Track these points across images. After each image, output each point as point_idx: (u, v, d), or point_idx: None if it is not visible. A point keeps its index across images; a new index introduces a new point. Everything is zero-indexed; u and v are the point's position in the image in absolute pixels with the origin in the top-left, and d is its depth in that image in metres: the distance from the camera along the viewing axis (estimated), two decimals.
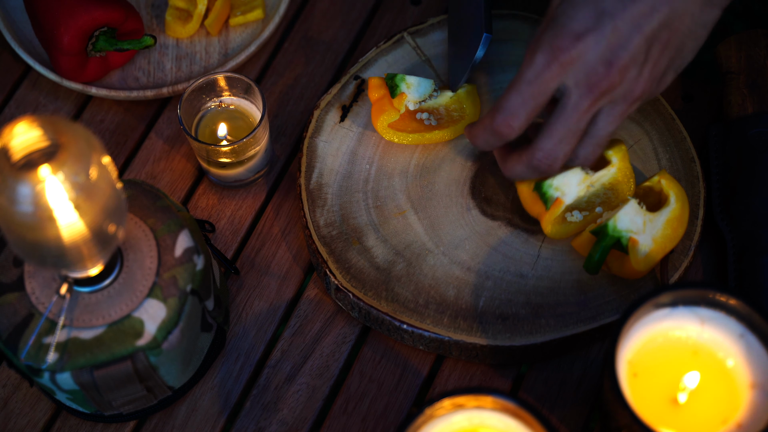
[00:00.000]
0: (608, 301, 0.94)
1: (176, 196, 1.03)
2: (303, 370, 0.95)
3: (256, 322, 0.98)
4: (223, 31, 1.10)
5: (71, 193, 0.72)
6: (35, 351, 0.83)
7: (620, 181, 0.95)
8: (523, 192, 0.95)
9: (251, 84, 0.98)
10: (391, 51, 1.04)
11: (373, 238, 0.97)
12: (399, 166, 1.00)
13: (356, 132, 1.01)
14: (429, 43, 1.05)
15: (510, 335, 0.92)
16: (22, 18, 1.09)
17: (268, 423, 0.94)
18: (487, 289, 0.95)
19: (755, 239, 0.94)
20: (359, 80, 1.03)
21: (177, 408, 0.94)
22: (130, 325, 0.84)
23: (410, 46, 1.05)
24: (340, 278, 0.95)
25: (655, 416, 0.82)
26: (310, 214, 0.98)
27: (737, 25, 1.41)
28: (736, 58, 1.00)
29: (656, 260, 0.92)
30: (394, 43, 1.05)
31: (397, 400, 0.94)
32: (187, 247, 0.87)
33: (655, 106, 1.01)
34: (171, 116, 1.07)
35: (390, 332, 0.94)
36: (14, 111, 1.08)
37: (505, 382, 0.95)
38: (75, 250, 0.76)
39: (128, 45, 1.03)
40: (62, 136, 0.72)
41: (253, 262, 1.00)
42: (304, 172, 0.99)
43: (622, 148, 0.95)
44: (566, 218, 0.94)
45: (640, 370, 0.84)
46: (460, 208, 0.98)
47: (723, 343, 0.84)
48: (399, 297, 0.94)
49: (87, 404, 0.89)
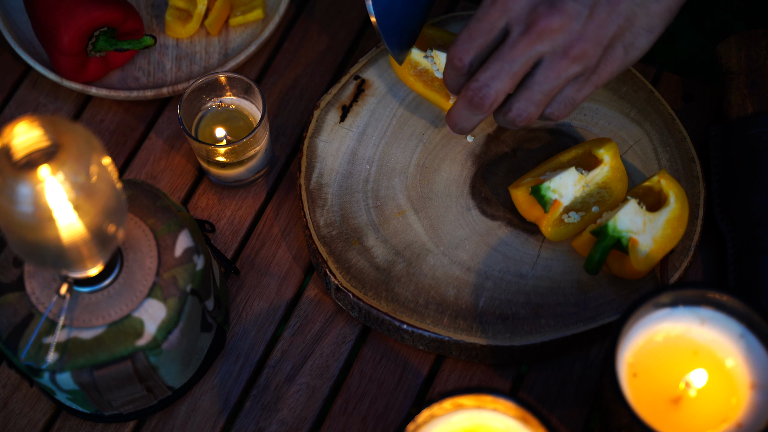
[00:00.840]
0: (608, 301, 0.94)
1: (176, 196, 1.03)
2: (303, 370, 0.95)
3: (256, 322, 0.98)
4: (223, 31, 1.10)
5: (71, 194, 0.72)
6: (35, 351, 0.83)
7: (614, 179, 0.95)
8: (518, 197, 0.95)
9: (251, 84, 0.98)
10: None
11: (373, 238, 0.97)
12: (399, 166, 1.00)
13: (356, 132, 1.01)
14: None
15: (510, 335, 0.92)
16: (22, 18, 1.09)
17: (268, 423, 0.94)
18: (487, 289, 0.95)
19: (755, 239, 0.94)
20: (359, 80, 1.03)
21: (177, 408, 0.94)
22: (130, 325, 0.84)
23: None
24: (340, 278, 0.95)
25: (655, 416, 0.82)
26: (310, 214, 0.98)
27: (737, 25, 1.41)
28: (736, 58, 1.00)
29: (656, 260, 0.92)
30: None
31: (397, 400, 0.94)
32: (187, 247, 0.87)
33: (655, 106, 1.01)
34: (171, 116, 1.07)
35: (390, 332, 0.94)
36: (14, 111, 1.08)
37: (505, 382, 0.95)
38: (75, 251, 0.76)
39: (128, 45, 1.03)
40: (62, 136, 0.72)
41: (253, 262, 1.00)
42: (304, 172, 0.99)
43: (613, 146, 0.95)
44: (564, 220, 0.94)
45: (640, 370, 0.84)
46: (460, 208, 0.98)
47: (723, 343, 0.84)
48: (399, 297, 0.94)
49: (87, 404, 0.89)
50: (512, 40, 0.85)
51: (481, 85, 0.87)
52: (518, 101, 0.88)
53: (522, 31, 0.85)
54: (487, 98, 0.87)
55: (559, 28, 0.84)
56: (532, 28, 0.84)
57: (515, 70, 0.86)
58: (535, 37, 0.85)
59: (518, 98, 0.88)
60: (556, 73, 0.86)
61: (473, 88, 0.87)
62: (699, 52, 0.90)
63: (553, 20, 0.84)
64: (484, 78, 0.87)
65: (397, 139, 1.01)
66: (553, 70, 0.86)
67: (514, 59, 0.86)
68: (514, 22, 0.85)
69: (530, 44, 0.85)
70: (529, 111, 0.88)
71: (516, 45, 0.85)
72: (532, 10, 0.84)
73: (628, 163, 0.99)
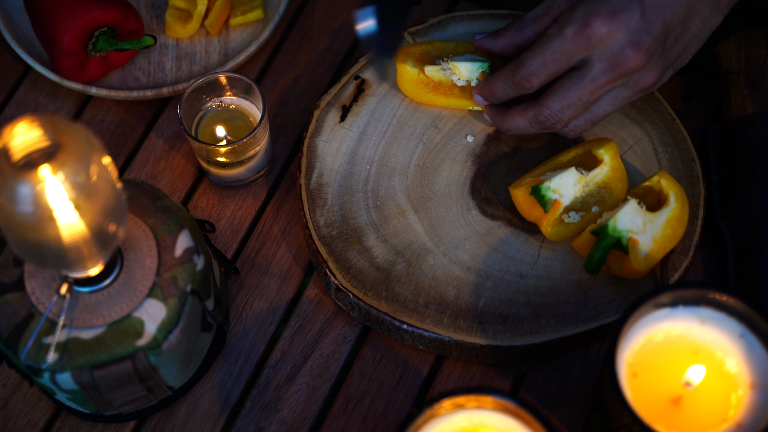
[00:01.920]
0: (608, 301, 0.94)
1: (176, 196, 1.03)
2: (303, 370, 0.95)
3: (256, 322, 0.98)
4: (223, 31, 1.10)
5: (71, 193, 0.72)
6: (35, 351, 0.83)
7: (613, 179, 0.95)
8: (518, 197, 0.95)
9: (251, 84, 0.98)
10: None
11: (373, 238, 0.97)
12: (399, 166, 1.00)
13: (356, 132, 1.01)
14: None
15: (510, 335, 0.92)
16: (22, 18, 1.09)
17: (268, 423, 0.94)
18: (487, 289, 0.95)
19: (755, 239, 0.94)
20: (359, 80, 1.03)
21: (177, 408, 0.94)
22: (130, 325, 0.84)
23: None
24: (340, 278, 0.95)
25: (655, 416, 0.82)
26: (310, 214, 0.98)
27: (737, 25, 1.41)
28: (736, 58, 1.00)
29: (657, 260, 0.92)
30: None
31: (397, 400, 0.94)
32: (187, 247, 0.87)
33: (655, 106, 1.01)
34: (171, 116, 1.07)
35: (390, 332, 0.94)
36: (14, 111, 1.08)
37: (505, 382, 0.95)
38: (75, 250, 0.76)
39: (128, 45, 1.03)
40: (62, 136, 0.72)
41: (253, 262, 1.00)
42: (304, 172, 0.99)
43: (613, 146, 0.95)
44: (564, 220, 0.94)
45: (640, 370, 0.84)
46: (460, 208, 0.98)
47: (723, 343, 0.84)
48: (399, 297, 0.94)
49: (87, 404, 0.89)
50: (593, 75, 0.88)
51: (555, 113, 0.90)
52: (578, 121, 0.92)
53: (605, 69, 0.87)
54: (559, 124, 0.92)
55: (642, 68, 0.87)
56: (617, 69, 0.87)
57: (590, 101, 0.90)
58: (618, 77, 0.88)
59: (579, 119, 0.92)
60: (621, 102, 0.90)
61: (547, 115, 0.91)
62: (699, 52, 0.90)
63: (639, 62, 0.87)
64: (560, 107, 0.90)
65: (397, 139, 1.01)
66: (619, 99, 0.90)
67: (592, 93, 0.89)
68: (597, 59, 0.87)
69: (611, 83, 0.88)
70: (585, 128, 0.93)
71: (596, 82, 0.88)
72: (619, 52, 0.86)
73: (628, 163, 0.99)
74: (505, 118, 0.95)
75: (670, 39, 0.87)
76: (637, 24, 0.86)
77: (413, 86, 1.00)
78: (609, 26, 0.86)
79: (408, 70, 0.99)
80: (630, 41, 0.86)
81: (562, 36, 0.87)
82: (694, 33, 0.89)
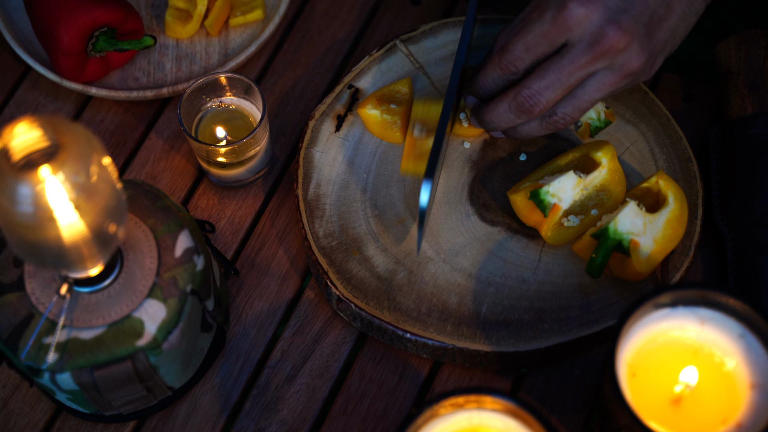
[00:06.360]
0: (611, 303, 0.93)
1: (176, 196, 1.03)
2: (303, 370, 0.95)
3: (256, 322, 0.98)
4: (223, 32, 1.10)
5: (71, 194, 0.72)
6: (35, 351, 0.83)
7: (612, 181, 0.95)
8: (517, 202, 0.95)
9: (251, 84, 0.98)
10: (384, 59, 1.04)
11: (373, 247, 0.97)
12: (397, 174, 1.00)
13: (352, 141, 1.01)
14: (422, 50, 1.04)
15: (514, 341, 0.92)
16: (22, 18, 1.09)
17: (268, 423, 0.94)
18: (489, 296, 0.94)
19: (755, 239, 0.94)
20: (353, 89, 1.03)
21: (177, 408, 0.94)
22: (130, 325, 0.84)
23: (403, 54, 1.04)
24: (342, 289, 0.95)
25: (654, 416, 0.82)
26: (308, 225, 0.97)
27: (737, 25, 1.41)
28: (735, 58, 1.00)
29: (658, 261, 0.92)
30: (386, 51, 1.04)
31: (397, 401, 0.94)
32: (187, 247, 0.87)
33: (651, 107, 1.01)
34: (171, 116, 1.07)
35: (393, 341, 0.94)
36: (14, 111, 1.08)
37: (505, 382, 0.95)
38: (75, 251, 0.76)
39: (128, 45, 1.03)
40: (62, 137, 0.72)
41: (253, 263, 1.00)
42: (301, 183, 0.99)
43: (611, 149, 0.95)
44: (563, 224, 0.94)
45: (640, 370, 0.84)
46: (460, 215, 0.98)
47: (723, 343, 0.84)
48: (401, 306, 0.94)
49: (87, 404, 0.89)
50: (573, 55, 0.87)
51: (533, 93, 0.89)
52: (565, 108, 0.90)
53: (585, 49, 0.87)
54: (538, 106, 0.90)
55: (623, 48, 0.87)
56: (596, 48, 0.86)
57: (571, 83, 0.89)
58: (598, 56, 0.87)
59: (565, 105, 0.90)
60: (608, 87, 0.89)
61: (525, 95, 0.90)
62: (699, 52, 0.90)
63: (620, 41, 0.86)
64: (538, 87, 0.89)
65: (394, 147, 1.01)
66: (606, 84, 0.89)
67: (572, 74, 0.88)
68: (577, 39, 0.87)
69: (592, 62, 0.87)
70: (573, 117, 0.91)
71: (576, 61, 0.87)
72: (599, 31, 0.86)
73: (625, 164, 0.99)
74: (486, 109, 0.94)
75: (654, 20, 0.87)
76: (615, 4, 0.86)
77: (380, 128, 1.00)
78: (586, 7, 0.86)
79: (368, 113, 1.00)
80: (609, 20, 0.86)
81: (542, 20, 0.87)
82: (680, 16, 0.88)
